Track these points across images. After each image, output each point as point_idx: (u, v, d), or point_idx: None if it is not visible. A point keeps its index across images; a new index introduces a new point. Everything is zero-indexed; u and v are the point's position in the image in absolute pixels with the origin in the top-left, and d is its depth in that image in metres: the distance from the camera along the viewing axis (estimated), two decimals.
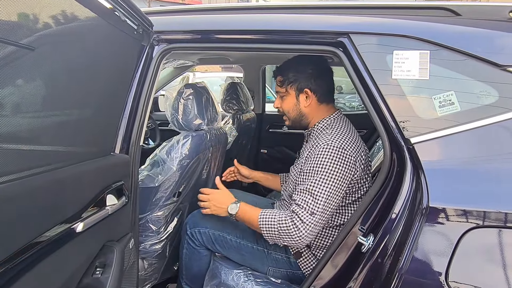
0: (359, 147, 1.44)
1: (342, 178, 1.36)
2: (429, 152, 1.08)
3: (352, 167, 1.38)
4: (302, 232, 1.33)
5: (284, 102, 1.58)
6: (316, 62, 1.56)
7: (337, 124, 1.51)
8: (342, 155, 1.36)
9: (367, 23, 1.24)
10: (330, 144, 1.38)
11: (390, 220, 1.10)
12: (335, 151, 1.37)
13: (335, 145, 1.38)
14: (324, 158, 1.37)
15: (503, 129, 1.06)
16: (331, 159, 1.36)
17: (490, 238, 0.99)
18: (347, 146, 1.39)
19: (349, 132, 1.47)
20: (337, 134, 1.44)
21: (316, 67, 1.55)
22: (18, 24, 0.73)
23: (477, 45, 1.10)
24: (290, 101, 1.56)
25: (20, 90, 0.77)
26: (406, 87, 1.13)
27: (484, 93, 1.07)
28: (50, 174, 0.87)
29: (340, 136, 1.42)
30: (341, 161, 1.36)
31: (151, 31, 1.32)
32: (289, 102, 1.57)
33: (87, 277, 1.05)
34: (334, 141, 1.39)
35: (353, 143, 1.42)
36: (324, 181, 1.35)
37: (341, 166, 1.36)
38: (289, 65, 1.57)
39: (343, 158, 1.36)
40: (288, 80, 1.54)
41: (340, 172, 1.35)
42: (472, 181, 1.06)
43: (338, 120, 1.54)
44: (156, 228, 1.71)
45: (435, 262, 1.01)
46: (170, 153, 1.70)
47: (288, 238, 1.36)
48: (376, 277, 1.10)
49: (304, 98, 1.54)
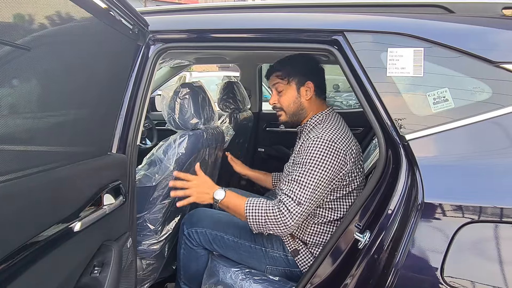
0: (349, 141, 1.46)
1: (331, 170, 1.38)
2: (424, 148, 1.09)
3: (342, 159, 1.40)
4: (288, 221, 1.35)
5: (284, 97, 1.60)
6: (311, 59, 1.63)
7: (328, 119, 1.55)
8: (331, 148, 1.39)
9: (361, 21, 1.25)
10: (320, 137, 1.41)
11: (386, 216, 1.11)
12: (325, 144, 1.39)
13: (325, 138, 1.41)
14: (314, 150, 1.39)
15: (496, 125, 1.07)
16: (320, 151, 1.38)
17: (485, 232, 1.00)
18: (337, 139, 1.41)
19: (339, 126, 1.51)
20: (327, 128, 1.47)
21: (313, 63, 1.62)
22: (13, 25, 0.73)
23: (470, 42, 1.11)
24: (291, 94, 1.58)
25: (15, 90, 0.77)
26: (400, 85, 1.14)
27: (477, 89, 1.08)
28: (48, 173, 0.87)
29: (331, 130, 1.45)
30: (330, 153, 1.38)
31: (146, 31, 1.33)
32: (290, 95, 1.59)
33: (85, 276, 1.05)
34: (324, 134, 1.42)
35: (344, 137, 1.45)
36: (312, 172, 1.37)
37: (330, 158, 1.38)
38: (287, 61, 1.61)
39: (333, 150, 1.39)
40: (289, 73, 1.57)
41: (329, 164, 1.38)
42: (467, 177, 1.07)
43: (330, 116, 1.58)
44: (154, 227, 1.71)
45: (430, 257, 1.02)
46: (167, 152, 1.70)
47: (273, 227, 1.38)
48: (373, 273, 1.11)
49: (305, 91, 1.58)
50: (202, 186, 1.48)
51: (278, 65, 1.62)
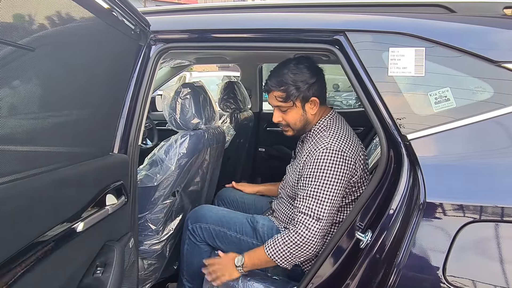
0: (357, 148, 1.45)
1: (343, 181, 1.37)
2: (425, 148, 1.09)
3: (352, 169, 1.39)
4: (311, 240, 1.34)
5: (289, 115, 1.53)
6: (310, 67, 1.50)
7: (334, 125, 1.52)
8: (342, 158, 1.37)
9: (363, 21, 1.25)
10: (329, 148, 1.39)
11: (387, 216, 1.11)
12: (335, 154, 1.37)
13: (334, 149, 1.38)
14: (324, 162, 1.37)
15: (498, 125, 1.07)
16: (331, 163, 1.36)
17: (487, 232, 1.00)
18: (346, 149, 1.39)
19: (346, 133, 1.48)
20: (335, 136, 1.44)
21: (312, 72, 1.50)
22: (16, 25, 0.73)
23: (472, 42, 1.11)
24: (296, 112, 1.52)
25: (18, 91, 0.78)
26: (402, 84, 1.14)
27: (479, 89, 1.08)
28: (51, 174, 0.88)
29: (339, 139, 1.42)
30: (341, 164, 1.37)
31: (148, 31, 1.33)
32: (296, 114, 1.52)
33: (88, 277, 1.06)
34: (333, 145, 1.39)
35: (352, 145, 1.43)
36: (327, 185, 1.35)
37: (342, 169, 1.37)
38: (286, 78, 1.47)
39: (343, 161, 1.37)
40: (293, 94, 1.47)
41: (341, 175, 1.36)
42: (468, 176, 1.07)
43: (335, 121, 1.54)
44: (156, 227, 1.72)
45: (432, 257, 1.02)
46: (168, 153, 1.70)
47: (301, 252, 1.36)
48: (374, 272, 1.11)
49: (310, 106, 1.51)
50: (220, 265, 1.51)
51: (275, 86, 1.48)
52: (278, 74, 1.50)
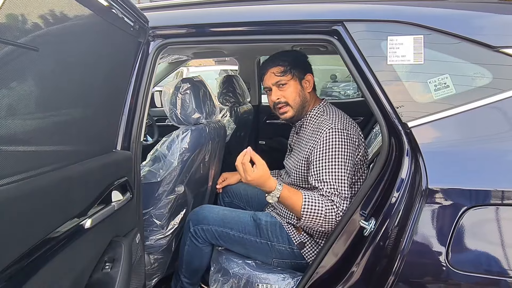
0: (356, 128, 1.51)
1: (352, 158, 1.43)
2: (426, 135, 1.10)
3: (356, 148, 1.45)
4: (337, 218, 1.35)
5: (288, 91, 1.57)
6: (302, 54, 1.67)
7: (330, 110, 1.58)
8: (347, 137, 1.43)
9: (360, 10, 1.25)
10: (334, 128, 1.44)
11: (390, 203, 1.12)
12: (341, 133, 1.42)
13: (339, 128, 1.43)
14: (334, 141, 1.41)
15: (497, 110, 1.08)
16: (340, 141, 1.41)
17: (489, 216, 1.02)
18: (348, 127, 1.46)
19: (343, 116, 1.54)
20: (335, 118, 1.50)
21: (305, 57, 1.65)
22: (16, 24, 0.73)
23: (469, 28, 1.11)
24: (295, 87, 1.58)
25: (21, 92, 0.78)
26: (401, 72, 1.15)
27: (478, 75, 1.09)
28: (58, 172, 0.89)
29: (340, 120, 1.48)
30: (348, 142, 1.42)
31: (147, 27, 1.33)
32: (295, 89, 1.58)
33: (97, 272, 1.07)
34: (336, 124, 1.45)
35: (351, 125, 1.49)
36: (342, 163, 1.40)
37: (349, 147, 1.42)
38: (284, 55, 1.60)
39: (349, 139, 1.43)
40: (291, 67, 1.56)
41: (350, 153, 1.42)
42: (469, 162, 1.08)
43: (329, 107, 1.61)
44: (160, 222, 1.73)
45: (435, 242, 1.04)
46: (171, 148, 1.71)
47: (327, 224, 1.36)
48: (379, 259, 1.12)
49: (305, 84, 1.60)
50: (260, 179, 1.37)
51: (274, 62, 1.58)
52: (274, 56, 1.63)
